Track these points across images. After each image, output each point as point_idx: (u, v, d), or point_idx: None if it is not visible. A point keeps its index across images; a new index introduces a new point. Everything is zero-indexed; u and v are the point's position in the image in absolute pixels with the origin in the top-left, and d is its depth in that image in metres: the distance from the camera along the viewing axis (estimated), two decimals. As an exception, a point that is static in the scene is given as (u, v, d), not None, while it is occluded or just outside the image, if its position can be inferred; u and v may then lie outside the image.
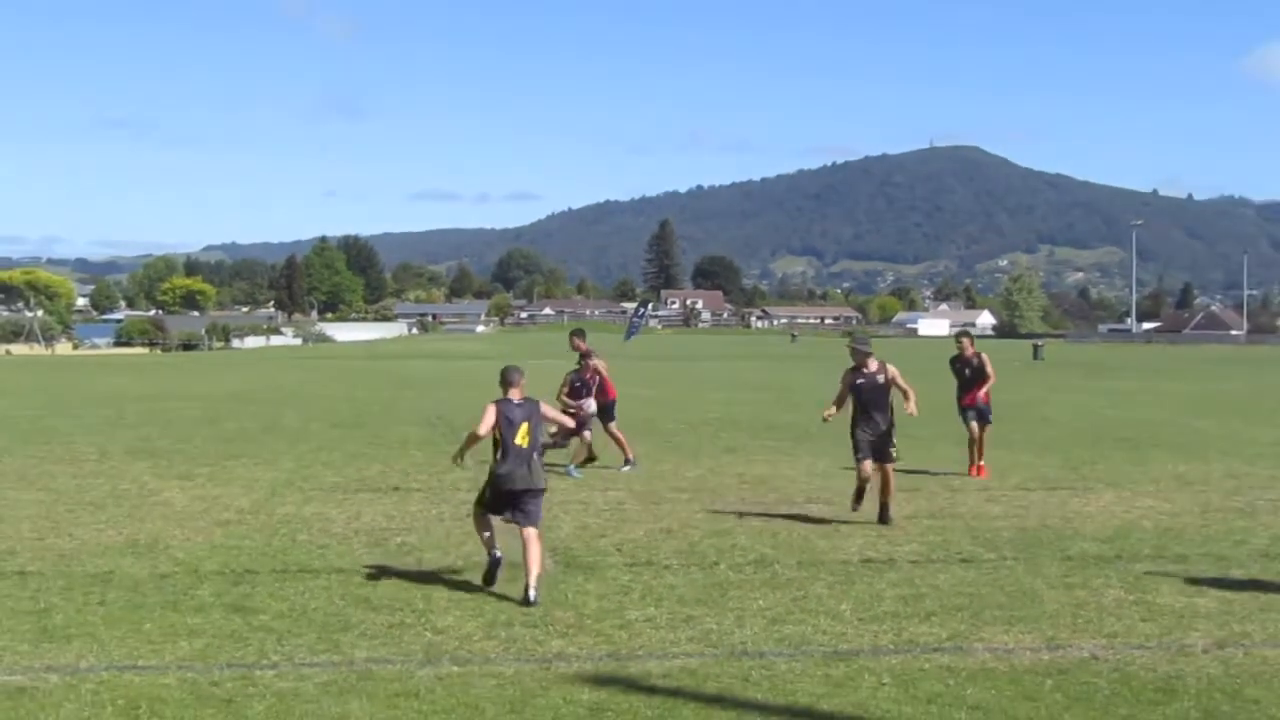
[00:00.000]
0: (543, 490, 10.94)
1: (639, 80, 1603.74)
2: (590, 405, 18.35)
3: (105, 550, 12.22)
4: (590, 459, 18.40)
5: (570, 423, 13.91)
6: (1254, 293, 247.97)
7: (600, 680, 8.01)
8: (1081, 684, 8.07)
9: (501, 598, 10.31)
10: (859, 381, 14.27)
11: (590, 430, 18.28)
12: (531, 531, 10.62)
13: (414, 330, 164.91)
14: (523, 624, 9.47)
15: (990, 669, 8.40)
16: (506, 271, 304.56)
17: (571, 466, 18.08)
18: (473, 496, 11.59)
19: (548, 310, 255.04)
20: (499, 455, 10.71)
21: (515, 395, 10.95)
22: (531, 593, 10.16)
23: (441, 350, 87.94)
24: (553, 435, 15.64)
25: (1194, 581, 11.27)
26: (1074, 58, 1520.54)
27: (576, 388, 18.47)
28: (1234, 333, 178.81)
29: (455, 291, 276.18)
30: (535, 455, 10.89)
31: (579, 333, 19.75)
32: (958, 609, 10.11)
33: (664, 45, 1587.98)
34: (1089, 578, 11.38)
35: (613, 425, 19.19)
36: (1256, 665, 8.57)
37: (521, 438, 10.69)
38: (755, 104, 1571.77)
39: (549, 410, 11.50)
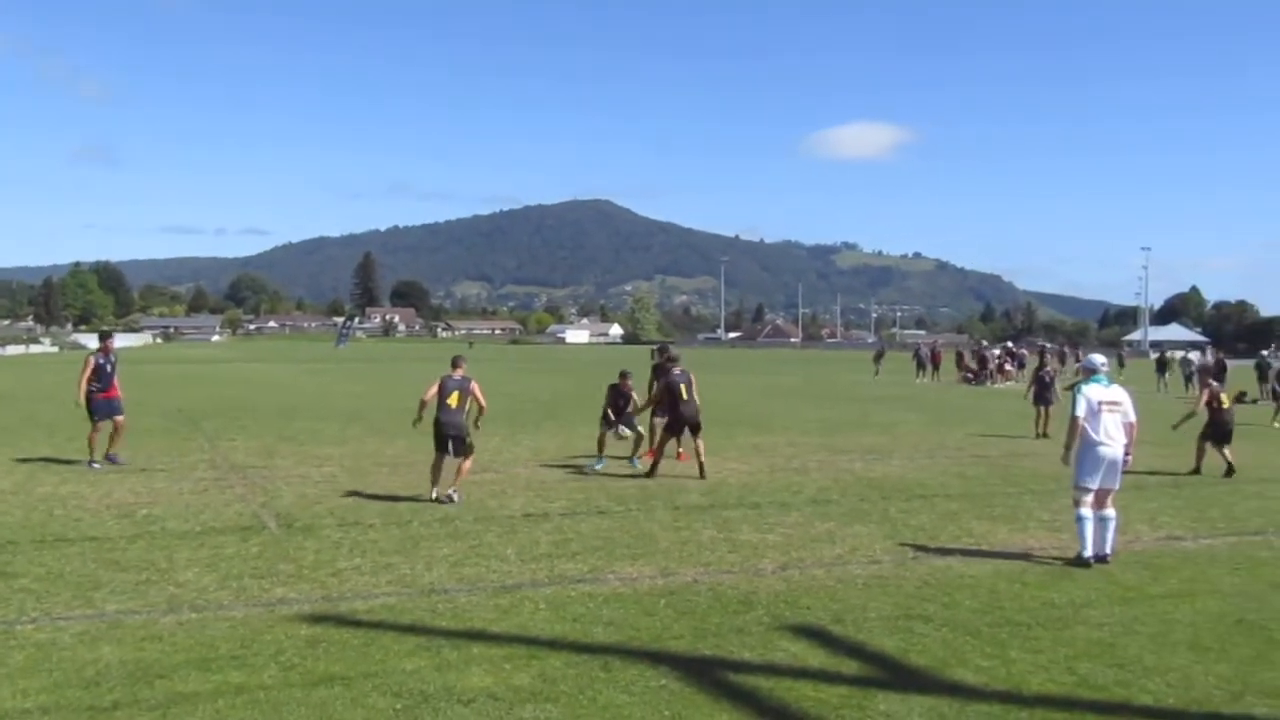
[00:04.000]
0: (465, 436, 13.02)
1: (352, 140, 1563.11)
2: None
3: (-127, 530, 10.87)
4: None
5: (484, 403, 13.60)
6: (806, 310, 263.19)
7: (316, 618, 7.72)
8: (686, 601, 8.35)
9: (233, 556, 9.79)
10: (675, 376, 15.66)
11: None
12: (459, 461, 13.04)
13: (157, 339, 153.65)
14: (251, 576, 9.01)
15: (620, 593, 8.58)
16: (238, 292, 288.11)
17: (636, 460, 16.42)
18: (209, 476, 10.94)
19: (272, 323, 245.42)
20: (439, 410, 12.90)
21: (458, 374, 13.14)
22: (454, 494, 12.87)
23: (181, 356, 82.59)
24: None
25: (765, 521, 11.85)
26: (681, 132, 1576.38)
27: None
28: (792, 340, 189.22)
29: (194, 308, 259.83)
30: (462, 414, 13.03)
31: (663, 348, 17.27)
32: (596, 549, 10.27)
33: (369, 118, 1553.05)
34: (691, 522, 11.78)
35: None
36: (809, 581, 9.07)
37: (453, 400, 12.92)
38: (441, 162, 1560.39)
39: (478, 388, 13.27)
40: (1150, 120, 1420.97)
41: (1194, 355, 50.22)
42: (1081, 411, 10.05)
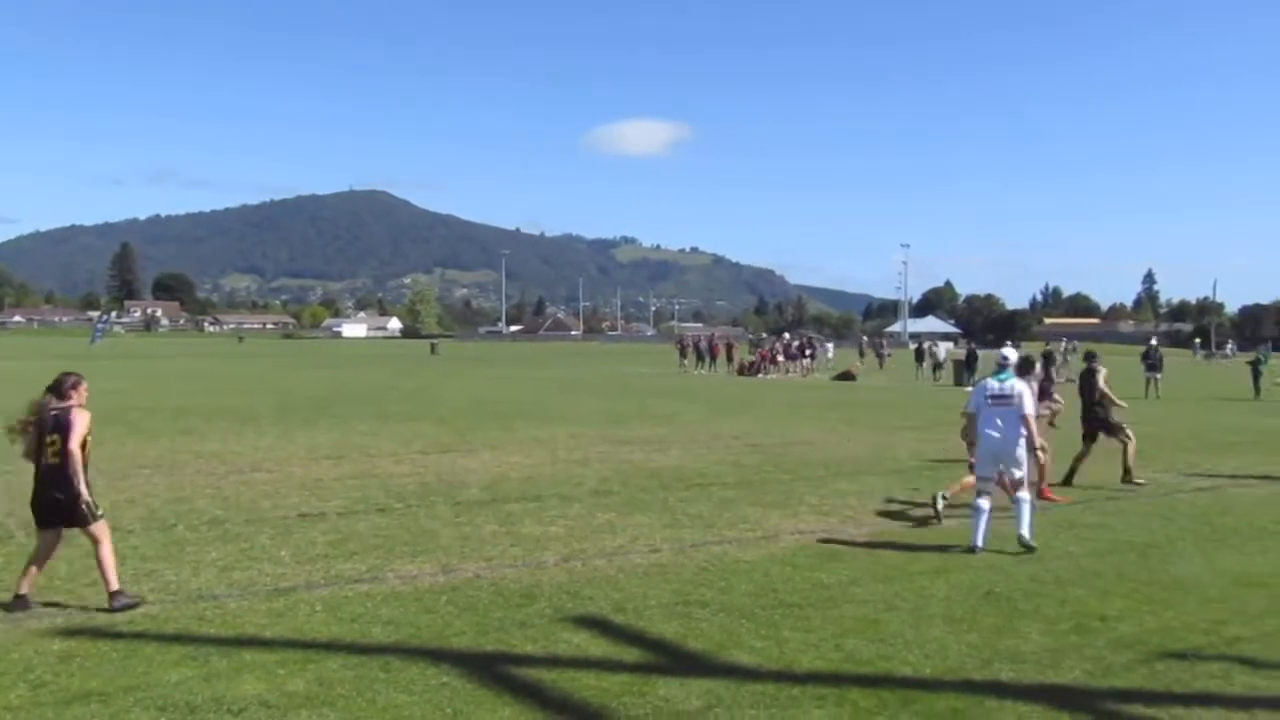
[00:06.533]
0: None
1: (109, 124, 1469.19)
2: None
3: None
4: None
5: None
6: (587, 304, 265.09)
7: (70, 632, 7.23)
8: (468, 597, 8.28)
9: (-27, 569, 9.05)
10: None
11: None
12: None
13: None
14: (-6, 590, 8.35)
15: (399, 592, 8.43)
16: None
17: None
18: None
19: (18, 318, 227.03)
20: None
21: None
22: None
23: (-89, 353, 75.69)
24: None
25: (547, 514, 11.86)
26: (462, 124, 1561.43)
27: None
28: (574, 333, 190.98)
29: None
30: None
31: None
32: (374, 548, 10.05)
33: (128, 101, 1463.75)
34: (473, 517, 11.68)
35: None
36: (591, 572, 9.16)
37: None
38: (208, 148, 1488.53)
39: None
40: (910, 119, 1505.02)
41: (941, 346, 53.69)
42: (972, 407, 10.58)
